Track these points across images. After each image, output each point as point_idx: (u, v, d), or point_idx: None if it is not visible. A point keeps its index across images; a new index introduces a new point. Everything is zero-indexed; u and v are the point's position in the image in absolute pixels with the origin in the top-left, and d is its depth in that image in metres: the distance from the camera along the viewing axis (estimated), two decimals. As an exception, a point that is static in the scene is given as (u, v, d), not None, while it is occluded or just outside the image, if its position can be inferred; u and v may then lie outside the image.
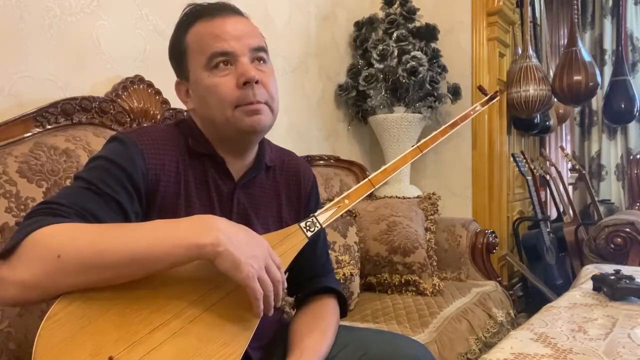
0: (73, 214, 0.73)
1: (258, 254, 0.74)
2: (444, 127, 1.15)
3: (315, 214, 0.91)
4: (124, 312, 0.69)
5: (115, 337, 0.66)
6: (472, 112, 1.23)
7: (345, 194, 0.96)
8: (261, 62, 0.90)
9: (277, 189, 1.01)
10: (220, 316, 0.74)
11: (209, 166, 0.92)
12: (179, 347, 0.69)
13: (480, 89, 1.38)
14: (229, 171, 0.93)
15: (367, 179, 0.99)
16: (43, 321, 0.65)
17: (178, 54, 0.92)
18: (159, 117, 1.46)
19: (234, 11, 0.91)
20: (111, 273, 0.69)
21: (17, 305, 0.73)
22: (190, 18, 0.91)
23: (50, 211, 0.73)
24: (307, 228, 0.89)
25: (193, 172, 0.91)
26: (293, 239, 0.87)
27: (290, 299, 1.32)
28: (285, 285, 0.79)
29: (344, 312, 1.05)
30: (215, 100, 0.87)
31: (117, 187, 0.80)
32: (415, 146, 1.07)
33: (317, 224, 0.90)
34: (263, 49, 0.91)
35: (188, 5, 0.94)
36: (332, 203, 0.93)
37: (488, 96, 1.27)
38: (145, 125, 1.38)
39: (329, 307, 1.01)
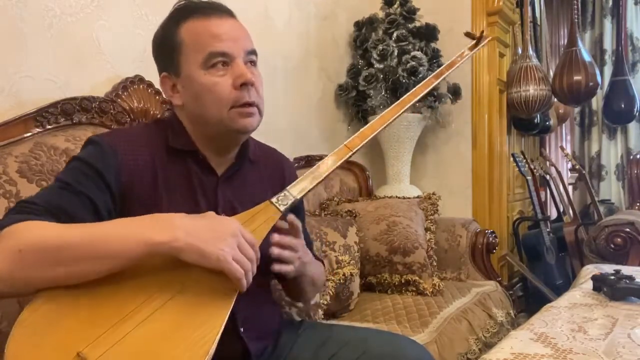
0: (44, 212, 0.77)
1: (226, 237, 0.74)
2: (429, 77, 1.12)
3: (288, 187, 0.91)
4: (92, 309, 0.71)
5: (82, 333, 0.68)
6: (459, 58, 1.19)
7: (320, 162, 0.96)
8: (253, 65, 0.93)
9: (262, 182, 1.03)
10: (189, 302, 0.74)
11: (190, 162, 0.94)
12: (146, 335, 0.69)
13: (468, 34, 1.33)
14: (211, 166, 0.95)
15: (342, 145, 0.99)
16: (13, 327, 0.68)
17: (168, 48, 0.92)
18: (159, 116, 1.46)
19: (228, 12, 0.93)
20: (70, 269, 0.71)
21: None
22: (183, 13, 0.91)
23: (21, 209, 0.77)
24: (279, 202, 0.88)
25: (174, 169, 0.92)
26: (264, 215, 0.87)
27: (290, 299, 1.33)
28: (258, 259, 0.79)
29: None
30: (211, 99, 0.88)
31: (90, 185, 0.83)
32: (397, 103, 1.05)
33: (290, 197, 0.89)
34: (255, 52, 0.95)
35: (180, 1, 0.95)
36: (306, 174, 0.93)
37: (475, 40, 1.23)
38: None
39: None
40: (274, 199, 0.88)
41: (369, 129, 1.01)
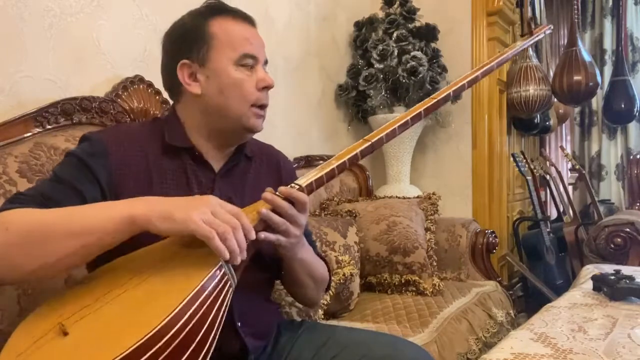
0: (32, 202, 0.80)
1: (198, 205, 0.74)
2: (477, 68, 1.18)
3: (296, 181, 0.89)
4: (77, 293, 0.76)
5: (66, 307, 0.73)
6: (511, 49, 1.20)
7: (334, 157, 0.94)
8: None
9: (259, 178, 1.05)
10: (172, 274, 0.75)
11: (187, 159, 0.96)
12: (121, 304, 0.72)
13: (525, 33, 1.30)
14: (208, 162, 0.97)
15: (362, 139, 0.99)
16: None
17: (195, 37, 0.95)
18: (159, 116, 1.46)
19: (254, 22, 1.00)
20: (53, 247, 0.73)
21: None
22: (214, 10, 0.97)
23: (13, 200, 0.81)
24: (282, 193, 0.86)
25: (170, 166, 0.94)
26: (265, 206, 0.85)
27: (290, 299, 1.33)
28: (253, 237, 0.77)
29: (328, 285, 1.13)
30: (237, 93, 0.94)
31: (80, 178, 0.86)
32: (426, 100, 1.10)
33: (296, 186, 0.87)
34: (267, 61, 1.01)
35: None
36: (316, 169, 0.91)
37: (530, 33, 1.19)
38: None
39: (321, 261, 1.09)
40: (277, 192, 0.87)
41: (390, 123, 1.05)
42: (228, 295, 0.76)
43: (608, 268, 1.63)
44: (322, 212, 2.03)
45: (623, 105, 3.34)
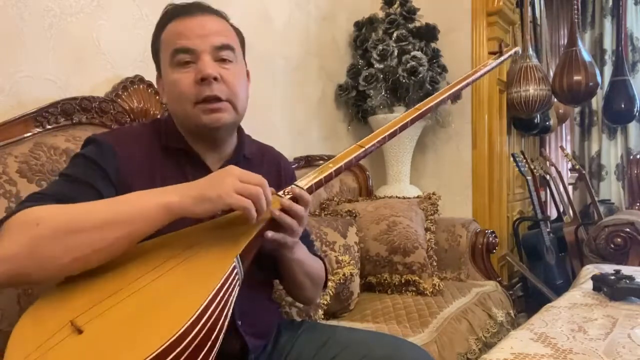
0: (52, 200, 0.79)
1: (224, 178, 0.76)
2: (450, 85, 1.16)
3: (295, 182, 0.90)
4: (88, 284, 0.73)
5: (78, 304, 0.70)
6: (483, 67, 1.20)
7: (331, 160, 0.94)
8: (226, 61, 0.92)
9: None
10: (193, 266, 0.75)
11: (184, 160, 0.96)
12: (139, 301, 0.69)
13: (491, 52, 1.33)
14: (205, 164, 0.96)
15: (356, 144, 0.99)
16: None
17: (155, 51, 0.97)
18: (159, 117, 1.46)
19: (207, 10, 0.94)
20: (85, 237, 0.71)
21: (8, 284, 0.77)
22: (166, 17, 0.95)
23: (31, 198, 0.80)
24: (285, 194, 0.86)
25: (169, 168, 0.94)
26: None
27: (290, 299, 1.33)
28: (269, 197, 0.78)
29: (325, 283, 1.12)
30: (175, 96, 0.92)
31: (93, 175, 0.86)
32: (414, 108, 1.08)
33: (297, 188, 0.87)
34: (228, 46, 0.92)
35: (168, 5, 0.97)
36: (315, 171, 0.92)
37: (499, 53, 1.25)
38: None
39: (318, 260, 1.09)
40: (280, 192, 0.87)
41: (382, 130, 1.02)
42: (236, 290, 0.76)
43: (608, 268, 1.63)
44: (322, 212, 2.03)
45: (623, 105, 3.34)
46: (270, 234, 0.83)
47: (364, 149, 0.97)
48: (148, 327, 0.65)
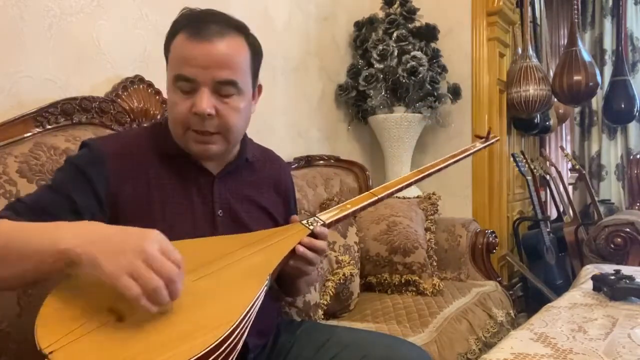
0: (27, 211, 0.82)
1: (127, 249, 0.65)
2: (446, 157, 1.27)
3: (319, 214, 0.95)
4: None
5: (111, 295, 0.67)
6: (472, 148, 1.34)
7: (348, 201, 1.01)
8: (227, 96, 0.90)
9: (259, 182, 1.05)
10: (222, 281, 0.77)
11: (185, 164, 0.96)
12: (181, 299, 0.69)
13: (477, 136, 1.46)
14: (207, 169, 0.97)
15: (369, 191, 1.05)
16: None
17: (165, 52, 0.96)
18: (159, 117, 1.46)
19: (221, 31, 0.88)
20: (12, 269, 0.72)
21: None
22: (179, 25, 0.92)
23: (8, 207, 0.83)
24: (309, 224, 0.93)
25: (168, 172, 0.94)
26: (292, 230, 0.92)
27: (290, 299, 1.33)
28: (177, 291, 0.69)
29: None
30: (172, 116, 0.93)
31: (76, 187, 0.86)
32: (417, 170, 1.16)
33: (319, 221, 0.94)
34: (231, 82, 0.89)
35: (184, 8, 0.96)
36: (336, 208, 0.98)
37: (484, 137, 1.38)
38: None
39: None
40: (304, 221, 0.93)
41: (394, 182, 1.09)
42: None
43: (608, 268, 1.63)
44: (322, 212, 2.03)
45: (623, 105, 3.34)
46: (292, 262, 0.90)
47: (376, 197, 1.03)
48: (188, 328, 0.66)
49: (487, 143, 1.37)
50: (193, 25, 0.89)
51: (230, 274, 0.78)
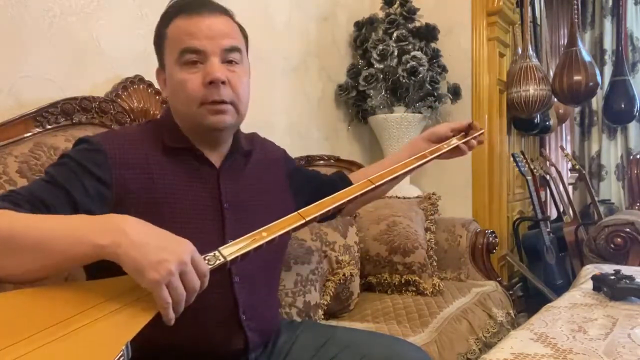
0: (24, 201, 0.78)
1: (170, 258, 0.67)
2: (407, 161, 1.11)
3: (221, 248, 0.80)
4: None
5: None
6: (445, 145, 1.27)
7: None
8: (233, 63, 0.93)
9: (260, 171, 1.05)
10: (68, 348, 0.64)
11: (188, 159, 0.95)
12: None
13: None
14: (209, 161, 0.96)
15: (367, 179, 1.00)
16: None
17: (158, 43, 0.96)
18: (158, 117, 1.46)
19: (215, 9, 0.93)
20: (20, 258, 0.70)
21: None
22: (173, 10, 0.94)
23: (5, 197, 0.79)
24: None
25: (172, 167, 0.93)
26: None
27: (290, 299, 1.33)
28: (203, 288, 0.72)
29: None
30: (183, 96, 0.91)
31: (73, 180, 0.83)
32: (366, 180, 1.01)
33: (220, 257, 0.78)
34: (236, 49, 0.93)
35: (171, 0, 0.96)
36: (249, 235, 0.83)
37: (466, 134, 1.31)
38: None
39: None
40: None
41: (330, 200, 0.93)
42: None
43: (608, 268, 1.63)
44: (322, 212, 2.03)
45: (623, 105, 3.34)
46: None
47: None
48: None
49: (467, 139, 1.30)
50: (188, 7, 0.92)
51: (78, 342, 0.65)
